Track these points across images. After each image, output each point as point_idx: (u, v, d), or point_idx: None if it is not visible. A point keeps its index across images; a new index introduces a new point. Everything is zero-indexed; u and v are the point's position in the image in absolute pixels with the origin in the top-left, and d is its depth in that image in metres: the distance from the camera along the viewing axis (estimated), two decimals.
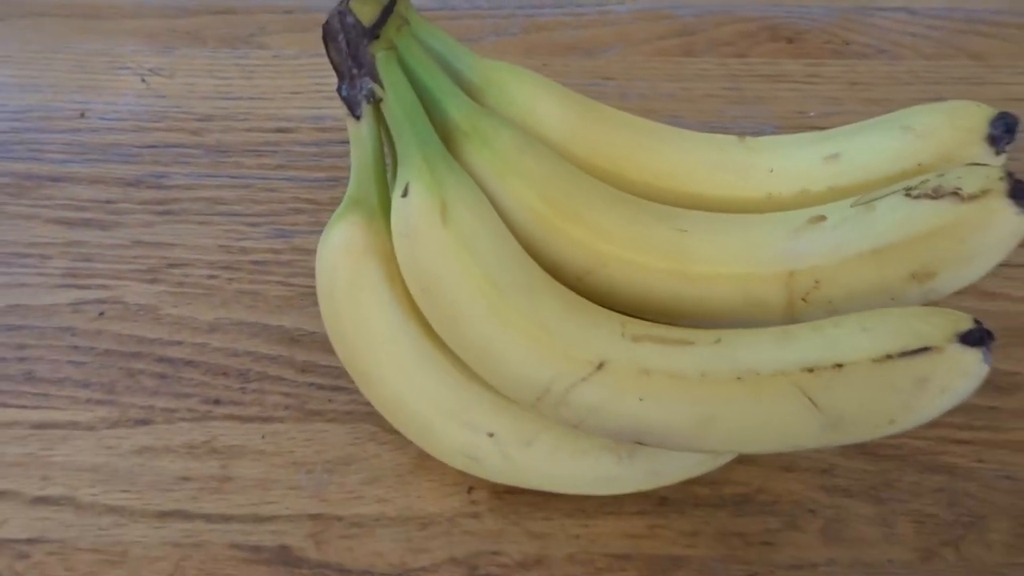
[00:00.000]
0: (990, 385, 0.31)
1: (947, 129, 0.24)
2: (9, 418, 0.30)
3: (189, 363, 0.32)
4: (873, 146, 0.25)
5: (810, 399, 0.21)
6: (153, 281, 0.34)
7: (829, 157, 0.26)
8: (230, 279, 0.34)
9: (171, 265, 0.35)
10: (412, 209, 0.24)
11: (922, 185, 0.22)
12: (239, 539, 0.27)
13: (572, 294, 0.25)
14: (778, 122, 0.41)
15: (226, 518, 0.28)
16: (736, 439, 0.22)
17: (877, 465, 0.29)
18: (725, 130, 0.40)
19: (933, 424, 0.30)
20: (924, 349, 0.20)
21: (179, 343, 0.32)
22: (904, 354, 0.20)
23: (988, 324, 0.32)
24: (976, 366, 0.19)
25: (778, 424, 0.21)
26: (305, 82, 0.42)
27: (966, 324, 0.20)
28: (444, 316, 0.25)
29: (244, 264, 0.35)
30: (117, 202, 0.37)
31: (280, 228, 0.36)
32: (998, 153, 0.23)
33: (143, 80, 0.43)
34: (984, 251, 0.21)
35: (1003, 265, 0.35)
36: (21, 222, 0.36)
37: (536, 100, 0.28)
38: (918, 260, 0.22)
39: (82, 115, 0.41)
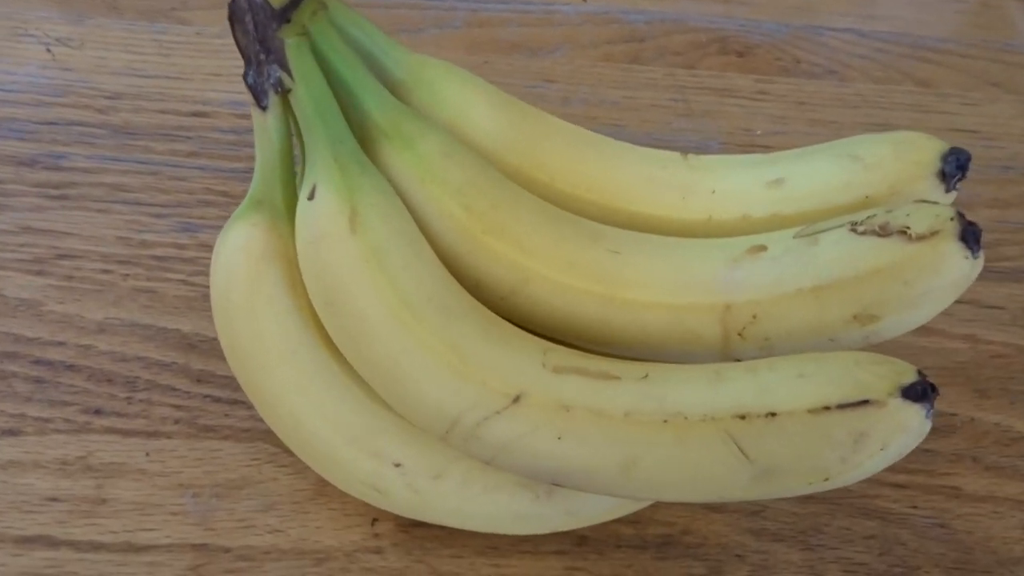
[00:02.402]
0: None
1: (896, 162, 0.22)
2: None
3: (70, 367, 0.29)
4: (819, 174, 0.24)
5: (740, 448, 0.19)
6: (39, 273, 0.31)
7: (773, 182, 0.24)
8: (126, 275, 0.31)
9: (61, 256, 0.32)
10: (319, 213, 0.22)
11: (869, 220, 0.21)
12: (109, 570, 0.24)
13: (492, 316, 0.23)
14: (723, 138, 0.39)
15: (96, 546, 0.25)
16: (659, 486, 0.20)
17: (806, 508, 0.28)
18: (669, 143, 0.39)
19: None
20: (864, 402, 0.18)
21: (61, 344, 0.29)
22: (843, 406, 0.18)
23: (924, 362, 0.32)
24: (918, 422, 0.18)
25: (705, 473, 0.20)
26: (227, 64, 0.39)
27: (909, 376, 0.18)
28: (348, 333, 0.22)
29: (143, 259, 0.32)
30: (6, 182, 0.34)
31: (187, 221, 0.33)
32: (948, 190, 0.22)
33: (48, 50, 0.39)
34: (931, 295, 0.20)
35: None
36: None
37: (469, 102, 0.25)
38: (861, 301, 0.20)
39: None
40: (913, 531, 0.27)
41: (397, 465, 0.24)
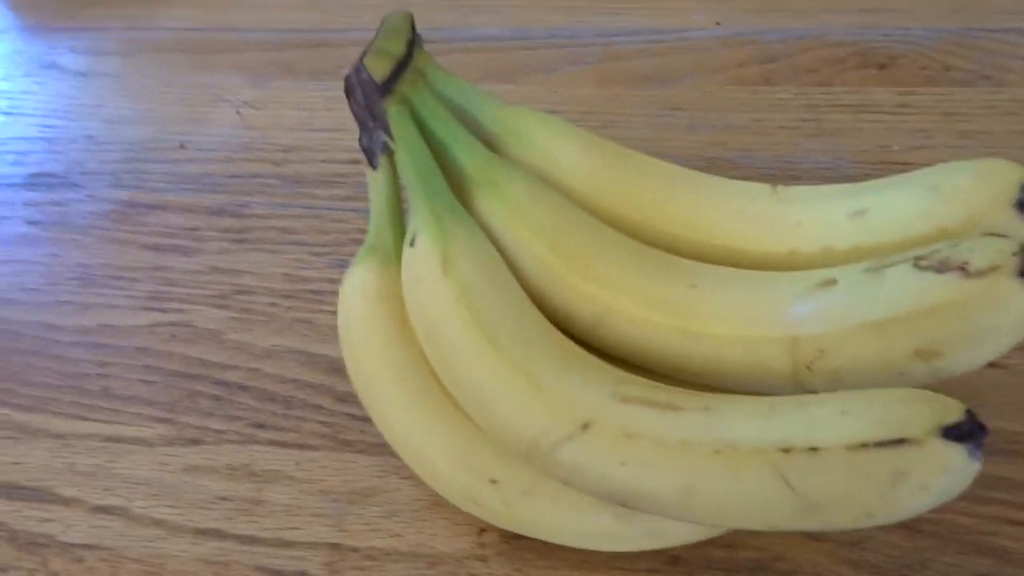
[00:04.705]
0: None
1: (973, 191, 0.22)
2: (86, 430, 0.33)
3: (242, 387, 0.34)
4: (899, 205, 0.23)
5: (786, 481, 0.20)
6: (221, 307, 0.37)
7: (856, 213, 0.25)
8: (289, 307, 0.36)
9: (239, 292, 0.37)
10: (417, 258, 0.25)
11: (932, 255, 0.20)
12: (263, 562, 0.29)
13: (572, 348, 0.25)
14: (856, 157, 0.39)
15: (254, 540, 0.29)
16: (716, 513, 0.21)
17: (914, 542, 0.27)
18: (796, 165, 0.39)
19: (986, 501, 0.28)
20: (902, 441, 0.18)
21: (235, 367, 0.35)
22: (880, 444, 0.18)
23: None
24: (960, 463, 0.18)
25: (754, 502, 0.20)
26: None
27: (954, 416, 0.18)
28: (443, 362, 0.25)
29: (303, 293, 0.37)
30: (201, 229, 0.40)
31: (340, 258, 0.38)
32: None
33: (238, 112, 0.46)
34: (992, 333, 0.19)
35: None
36: (119, 247, 0.40)
37: (556, 147, 0.28)
38: (921, 337, 0.20)
39: (182, 146, 0.45)
40: None
41: (493, 481, 0.26)
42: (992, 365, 0.30)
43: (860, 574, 0.26)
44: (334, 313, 0.36)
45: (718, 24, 0.46)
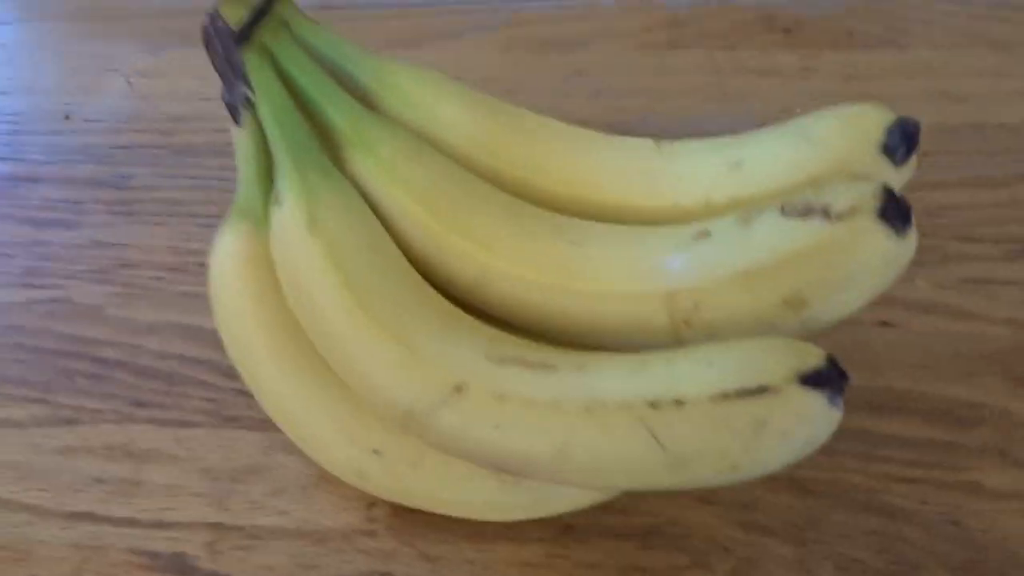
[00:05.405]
0: (951, 417, 0.28)
1: (840, 138, 0.21)
2: None
3: (122, 364, 0.32)
4: (772, 154, 0.23)
5: (654, 435, 0.19)
6: (102, 281, 0.35)
7: (733, 165, 0.24)
8: (174, 280, 0.35)
9: (122, 265, 0.35)
10: (283, 217, 0.24)
11: (798, 201, 0.20)
12: (138, 544, 0.27)
13: (449, 309, 0.24)
14: (759, 120, 0.38)
15: (130, 522, 0.28)
16: (590, 473, 0.21)
17: (804, 501, 0.27)
18: (698, 128, 0.38)
19: (876, 459, 0.28)
20: (762, 388, 0.18)
21: (115, 344, 0.33)
22: (741, 393, 0.18)
23: (961, 347, 0.30)
24: (819, 410, 0.17)
25: (626, 460, 0.20)
26: None
27: (813, 362, 0.18)
28: (314, 328, 0.24)
29: (190, 266, 0.35)
30: (84, 202, 0.38)
31: None
32: (897, 164, 0.21)
33: (128, 82, 0.44)
34: (856, 277, 0.19)
35: (984, 282, 0.32)
36: None
37: (438, 104, 0.27)
38: (787, 284, 0.20)
39: (67, 117, 0.42)
40: (921, 528, 0.26)
41: (376, 452, 0.25)
42: (884, 324, 0.31)
43: (751, 535, 0.26)
44: None
45: None
